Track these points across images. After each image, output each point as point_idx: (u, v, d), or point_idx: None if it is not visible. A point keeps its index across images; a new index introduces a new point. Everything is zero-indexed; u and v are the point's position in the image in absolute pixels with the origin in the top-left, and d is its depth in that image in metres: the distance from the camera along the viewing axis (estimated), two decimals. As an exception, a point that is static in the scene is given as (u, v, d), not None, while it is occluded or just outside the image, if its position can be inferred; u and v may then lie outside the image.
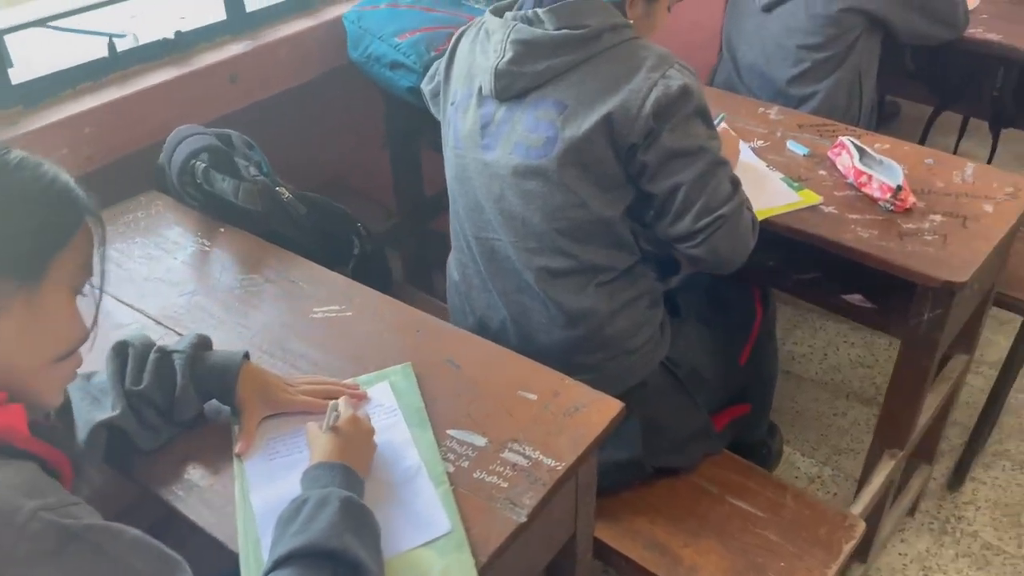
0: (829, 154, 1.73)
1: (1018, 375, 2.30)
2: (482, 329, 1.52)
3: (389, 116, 2.15)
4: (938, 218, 1.54)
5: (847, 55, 2.07)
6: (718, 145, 1.37)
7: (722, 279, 1.62)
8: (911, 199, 1.56)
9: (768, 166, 1.71)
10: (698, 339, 1.60)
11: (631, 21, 1.41)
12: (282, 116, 2.04)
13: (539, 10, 1.34)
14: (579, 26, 1.33)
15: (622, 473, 1.50)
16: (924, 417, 1.70)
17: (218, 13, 1.91)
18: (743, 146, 1.75)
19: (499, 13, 1.42)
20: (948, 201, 1.59)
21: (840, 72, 2.08)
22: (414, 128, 2.09)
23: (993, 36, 2.20)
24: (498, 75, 1.35)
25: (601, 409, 1.17)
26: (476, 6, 2.14)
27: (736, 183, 1.39)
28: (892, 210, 1.56)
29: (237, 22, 1.92)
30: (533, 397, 1.19)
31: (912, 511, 2.09)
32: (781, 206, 1.60)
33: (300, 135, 2.13)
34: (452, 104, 1.47)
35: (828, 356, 2.61)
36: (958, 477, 2.16)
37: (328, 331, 1.33)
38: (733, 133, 1.74)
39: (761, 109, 1.93)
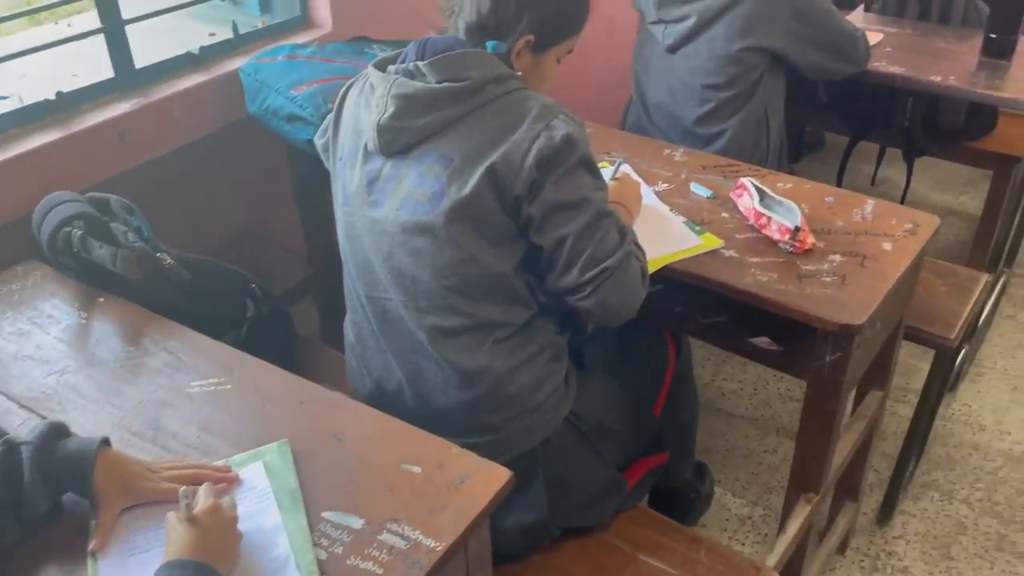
0: (731, 195, 1.71)
1: (941, 403, 2.31)
2: (379, 392, 1.46)
3: (294, 166, 2.09)
4: (837, 258, 1.53)
5: (752, 93, 2.08)
6: (604, 196, 1.34)
7: (632, 325, 1.59)
8: (810, 240, 1.55)
9: (671, 210, 1.69)
10: (606, 391, 1.56)
11: (518, 72, 1.38)
12: (183, 172, 1.98)
13: (420, 63, 1.31)
14: (461, 79, 1.29)
15: (527, 537, 1.44)
16: (839, 458, 1.67)
17: (106, 71, 1.85)
18: (646, 190, 1.73)
19: (382, 66, 1.38)
20: (847, 240, 1.57)
21: (746, 110, 2.08)
22: (320, 178, 2.03)
23: (896, 69, 2.23)
24: (381, 131, 1.31)
25: (488, 480, 1.12)
26: (381, 53, 2.10)
27: (624, 233, 1.35)
28: (792, 252, 1.55)
29: (126, 79, 1.86)
30: (417, 470, 1.13)
31: (842, 549, 2.06)
32: (683, 250, 1.57)
33: (205, 189, 2.06)
34: (340, 160, 1.42)
35: (758, 391, 2.59)
36: (886, 511, 2.14)
37: (205, 407, 1.26)
38: (636, 177, 1.71)
39: (667, 151, 1.91)
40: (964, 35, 2.43)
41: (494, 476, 1.12)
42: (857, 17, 2.37)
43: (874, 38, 2.39)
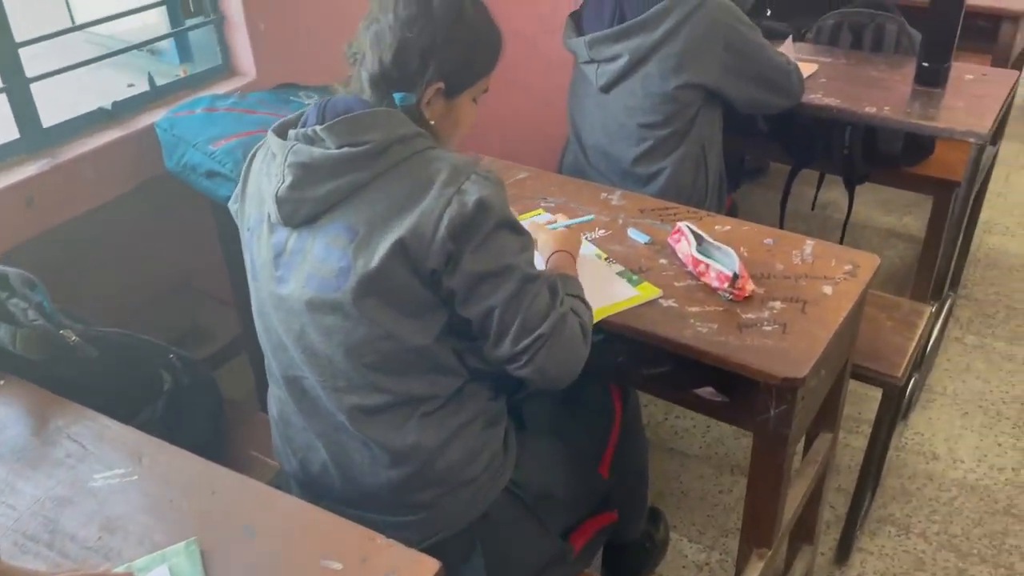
0: (669, 240, 1.67)
1: (892, 437, 2.29)
2: (304, 472, 1.37)
3: (218, 220, 2.00)
4: (778, 305, 1.49)
5: (689, 130, 2.04)
6: (529, 257, 1.27)
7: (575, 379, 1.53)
8: (749, 287, 1.50)
9: (608, 259, 1.64)
10: (548, 454, 1.49)
11: (432, 122, 1.32)
12: (106, 230, 1.89)
13: (319, 128, 1.23)
14: (361, 142, 1.21)
15: (467, 619, 1.36)
16: (791, 507, 1.62)
17: (10, 131, 1.75)
18: (583, 239, 1.68)
19: (282, 131, 1.29)
20: (787, 285, 1.53)
21: (684, 148, 2.05)
22: (247, 235, 1.95)
23: (832, 101, 2.21)
24: (280, 202, 1.23)
25: (416, 573, 1.04)
26: (307, 102, 2.03)
27: (556, 292, 1.29)
28: (731, 299, 1.50)
29: (32, 140, 1.77)
30: (338, 567, 1.05)
31: (801, 593, 2.01)
32: (620, 302, 1.52)
33: (129, 246, 1.97)
34: (248, 230, 1.34)
35: (711, 428, 2.54)
36: (844, 550, 2.10)
37: (108, 502, 1.16)
38: (574, 230, 1.66)
39: (604, 195, 1.86)
40: (897, 63, 2.43)
41: (422, 568, 1.05)
42: (789, 48, 2.36)
43: (808, 69, 2.38)
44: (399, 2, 1.28)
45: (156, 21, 2.12)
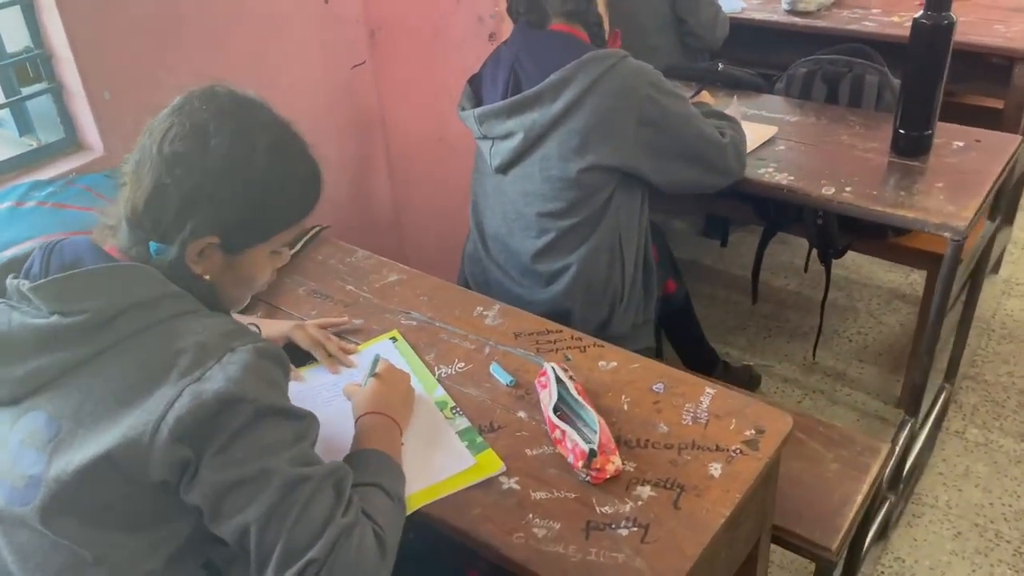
0: (536, 383, 1.33)
1: (868, 559, 1.92)
2: None
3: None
4: (647, 492, 1.14)
5: (600, 219, 1.70)
6: (299, 452, 0.96)
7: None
8: (612, 466, 1.16)
9: (454, 410, 1.31)
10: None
11: (207, 277, 1.02)
12: None
13: (27, 286, 0.94)
14: (76, 310, 0.93)
15: None
16: None
17: None
18: (428, 382, 1.35)
19: (3, 272, 1.02)
20: (666, 460, 1.19)
21: (594, 240, 1.70)
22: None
23: (783, 178, 1.84)
24: None
25: None
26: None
27: (341, 492, 0.97)
28: (589, 481, 1.16)
29: None
30: None
31: None
32: (449, 479, 1.19)
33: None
34: None
35: None
36: None
37: None
38: (404, 366, 1.33)
39: (479, 309, 1.53)
40: (875, 123, 2.05)
41: None
42: (735, 108, 2.00)
43: (764, 133, 2.02)
44: (169, 132, 1.01)
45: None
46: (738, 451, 1.19)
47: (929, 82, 1.77)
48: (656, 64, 2.67)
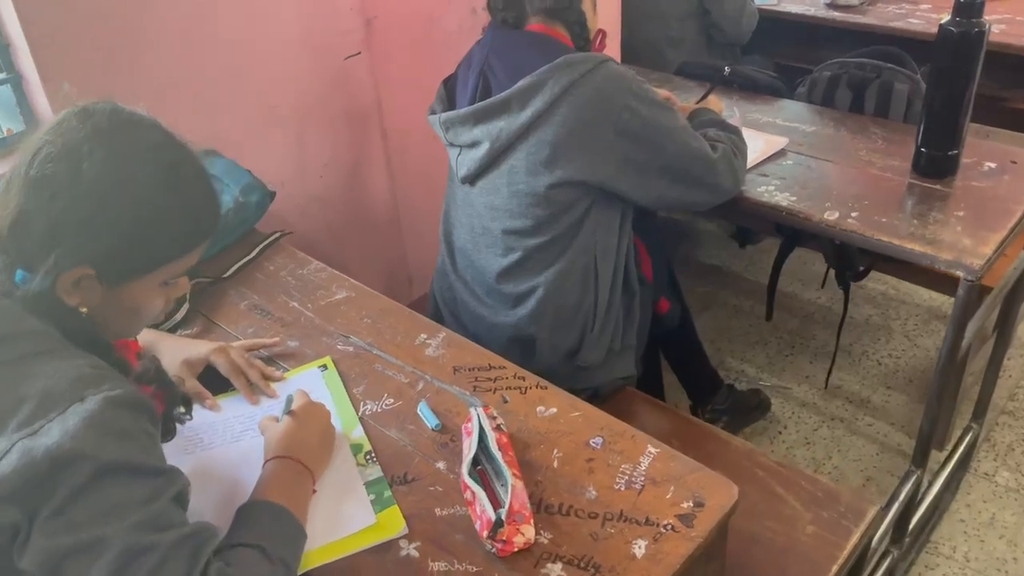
0: (463, 429, 1.21)
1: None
2: None
3: None
4: (557, 571, 1.01)
5: (573, 238, 1.55)
6: (153, 513, 0.85)
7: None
8: (520, 539, 1.03)
9: (368, 455, 1.19)
10: None
11: (83, 310, 0.93)
12: None
13: None
14: None
15: None
16: None
17: None
18: (349, 420, 1.24)
19: None
20: (586, 532, 1.05)
21: (564, 261, 1.56)
22: None
23: (783, 198, 1.66)
24: None
25: None
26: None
27: (196, 558, 0.86)
28: (495, 553, 1.04)
29: None
30: None
31: None
32: (345, 538, 1.07)
33: None
34: None
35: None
36: None
37: None
38: (316, 415, 1.21)
39: (423, 336, 1.41)
40: (901, 138, 1.84)
41: None
42: (769, 108, 1.81)
43: (773, 145, 1.83)
44: (40, 152, 0.91)
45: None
46: (669, 527, 1.05)
47: (956, 97, 1.57)
48: (677, 58, 2.52)
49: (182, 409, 1.14)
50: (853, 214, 1.59)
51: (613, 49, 2.47)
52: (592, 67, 1.45)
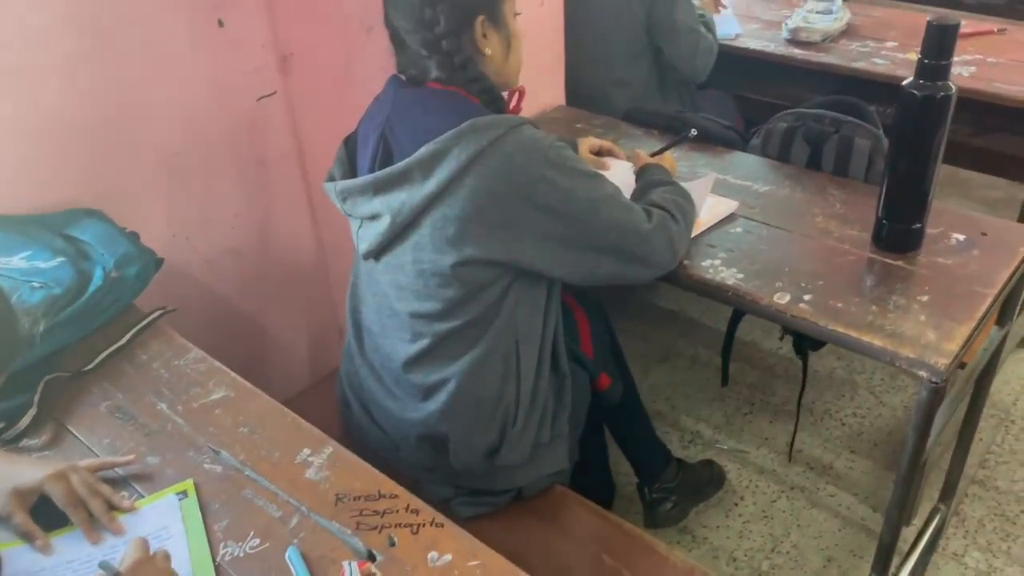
0: (336, 584, 1.01)
1: None
2: None
3: None
4: None
5: (490, 321, 1.35)
6: None
7: None
8: None
9: (217, 619, 0.99)
10: None
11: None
12: None
13: None
14: None
15: None
16: None
17: None
18: (203, 570, 1.03)
19: None
20: None
21: (481, 347, 1.36)
22: None
23: (730, 276, 1.47)
24: None
25: None
26: None
27: None
28: None
29: None
30: None
31: None
32: None
33: None
34: None
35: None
36: None
37: None
38: (162, 570, 1.01)
39: (306, 452, 1.20)
40: (860, 199, 1.67)
41: None
42: (721, 162, 1.63)
43: (722, 210, 1.65)
44: None
45: None
46: None
47: (920, 166, 1.39)
48: (625, 100, 2.34)
49: None
50: (806, 296, 1.41)
51: (555, 92, 2.29)
52: (502, 133, 1.25)
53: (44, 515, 1.11)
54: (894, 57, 2.33)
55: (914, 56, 1.31)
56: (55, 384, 1.33)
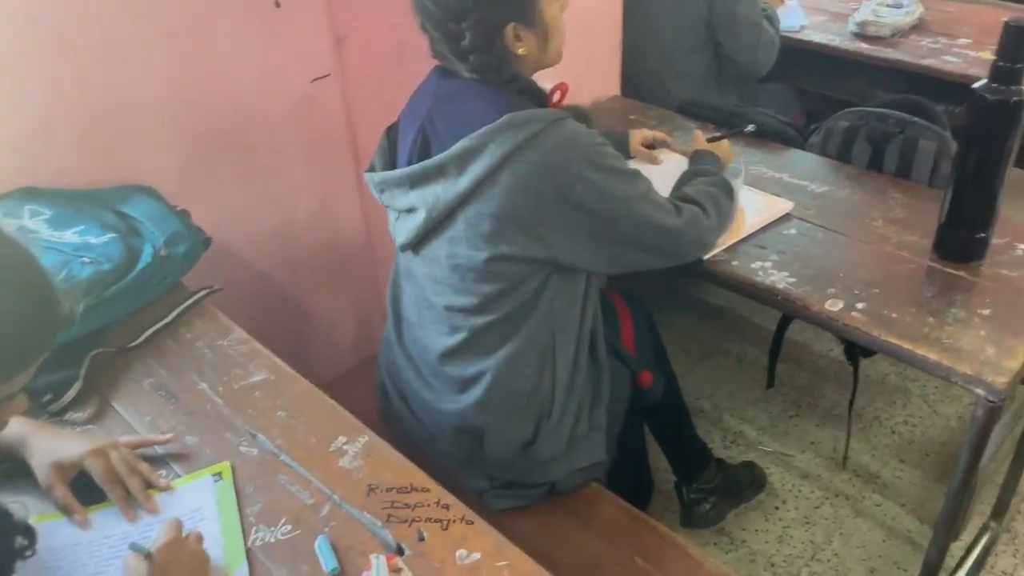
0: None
1: None
2: None
3: None
4: None
5: (527, 315, 1.34)
6: None
7: None
8: None
9: (246, 604, 1.00)
10: None
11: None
12: None
13: None
14: None
15: None
16: None
17: None
18: (234, 554, 1.04)
19: None
20: None
21: (517, 341, 1.34)
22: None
23: (780, 280, 1.43)
24: None
25: None
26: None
27: None
28: None
29: None
30: None
31: None
32: None
33: None
34: None
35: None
36: None
37: None
38: (195, 553, 1.02)
39: (341, 439, 1.20)
40: (923, 205, 1.60)
41: None
42: (776, 160, 1.58)
43: (776, 210, 1.60)
44: None
45: None
46: None
47: (988, 173, 1.33)
48: (682, 92, 2.29)
49: (24, 541, 0.96)
50: (859, 304, 1.36)
51: (611, 82, 2.25)
52: (540, 129, 1.22)
53: (84, 489, 1.13)
54: (966, 55, 2.24)
55: (987, 55, 1.25)
56: (101, 359, 1.36)
